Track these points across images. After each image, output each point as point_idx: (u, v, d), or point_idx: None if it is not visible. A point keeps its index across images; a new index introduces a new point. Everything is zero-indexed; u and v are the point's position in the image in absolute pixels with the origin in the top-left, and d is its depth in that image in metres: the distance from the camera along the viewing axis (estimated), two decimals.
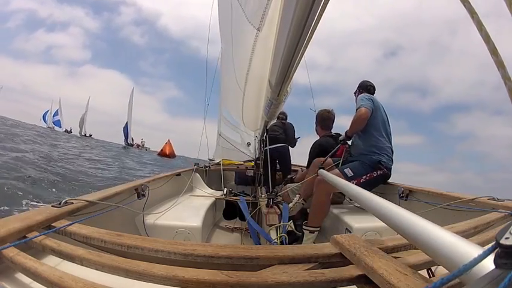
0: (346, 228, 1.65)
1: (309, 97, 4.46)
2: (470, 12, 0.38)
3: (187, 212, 1.80)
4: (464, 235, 0.81)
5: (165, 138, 33.97)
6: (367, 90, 2.19)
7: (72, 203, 0.95)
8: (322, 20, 0.75)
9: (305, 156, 2.67)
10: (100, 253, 0.63)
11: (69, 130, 49.38)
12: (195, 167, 2.87)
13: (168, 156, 28.75)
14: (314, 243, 1.78)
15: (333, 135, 2.45)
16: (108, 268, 0.57)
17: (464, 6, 0.39)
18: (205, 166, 3.17)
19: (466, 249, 0.37)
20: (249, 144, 4.29)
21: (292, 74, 1.13)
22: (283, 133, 3.34)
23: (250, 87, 2.06)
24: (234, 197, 2.37)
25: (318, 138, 2.60)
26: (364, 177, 1.88)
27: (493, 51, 0.36)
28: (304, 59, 1.06)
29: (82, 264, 0.61)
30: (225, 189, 2.57)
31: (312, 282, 0.51)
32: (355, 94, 2.28)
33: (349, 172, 1.87)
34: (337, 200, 2.16)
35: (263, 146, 2.62)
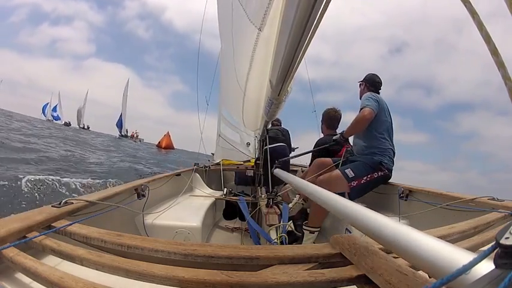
0: (346, 228, 1.65)
1: (313, 93, 4.47)
2: (471, 12, 0.38)
3: (187, 212, 1.80)
4: (464, 235, 0.81)
5: (166, 131, 34.03)
6: (375, 86, 2.13)
7: (72, 203, 0.95)
8: (326, 17, 0.74)
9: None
10: (100, 253, 0.63)
11: (68, 123, 49.61)
12: (195, 167, 2.87)
13: (166, 148, 28.43)
14: (314, 243, 1.78)
15: (337, 134, 2.45)
16: (108, 268, 0.57)
17: (465, 6, 0.39)
18: (205, 166, 3.17)
19: (444, 253, 0.36)
20: (248, 144, 4.29)
21: (293, 73, 1.13)
22: (282, 135, 3.34)
23: (250, 86, 2.06)
24: (234, 197, 2.37)
25: (318, 137, 2.60)
26: (365, 178, 1.87)
27: (494, 52, 0.36)
28: (304, 59, 1.06)
29: (82, 264, 0.61)
30: (225, 189, 2.57)
31: (311, 282, 0.51)
32: (360, 85, 2.23)
33: (350, 173, 1.86)
34: None
35: (263, 146, 2.62)
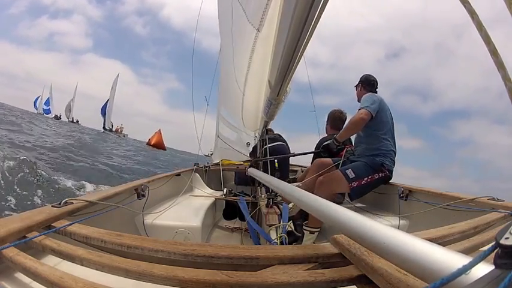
0: None
1: (310, 94, 4.47)
2: (470, 13, 0.38)
3: (187, 212, 1.80)
4: (464, 235, 0.81)
5: (158, 128, 32.15)
6: (371, 85, 2.13)
7: (72, 203, 0.95)
8: (324, 18, 0.75)
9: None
10: (100, 253, 0.63)
11: (58, 116, 49.56)
12: (195, 167, 2.87)
13: (155, 147, 26.28)
14: (314, 243, 1.78)
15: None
16: (108, 268, 0.57)
17: (464, 7, 0.39)
18: (205, 166, 3.17)
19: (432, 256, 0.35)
20: (248, 144, 4.28)
21: (292, 74, 1.13)
22: (280, 137, 3.34)
23: (249, 87, 2.06)
24: (234, 197, 2.37)
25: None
26: (366, 179, 1.87)
27: (493, 52, 0.37)
28: (304, 58, 1.06)
29: (82, 264, 0.61)
30: (225, 189, 2.57)
31: (311, 282, 0.51)
32: (356, 88, 2.23)
33: (351, 173, 1.86)
34: (337, 200, 2.16)
35: (262, 146, 2.62)
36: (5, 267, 0.64)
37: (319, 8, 0.71)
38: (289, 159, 3.41)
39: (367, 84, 2.15)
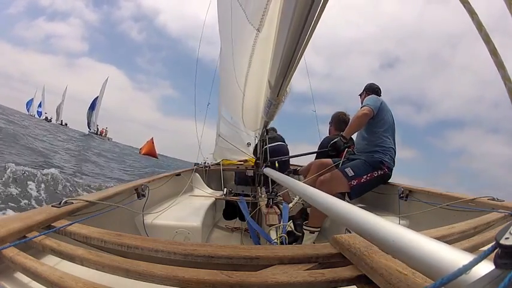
0: (346, 228, 1.65)
1: (304, 104, 4.48)
2: (470, 13, 0.38)
3: (187, 212, 1.80)
4: (464, 235, 0.81)
5: (151, 137, 30.31)
6: (375, 92, 2.22)
7: (72, 203, 0.95)
8: (322, 25, 0.75)
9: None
10: (100, 253, 0.63)
11: (49, 119, 49.16)
12: (195, 167, 2.87)
13: (147, 155, 26.36)
14: (314, 243, 1.78)
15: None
16: (108, 268, 0.57)
17: (464, 6, 0.39)
18: (205, 166, 3.17)
19: (444, 255, 0.35)
20: (249, 144, 4.29)
21: (292, 74, 1.13)
22: (281, 138, 3.34)
23: (250, 87, 2.06)
24: (234, 197, 2.37)
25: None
26: (365, 177, 1.87)
27: (493, 52, 0.36)
28: (304, 59, 1.06)
29: (82, 264, 0.61)
30: (225, 189, 2.57)
31: (311, 282, 0.51)
32: (360, 96, 2.31)
33: (350, 172, 1.86)
34: None
35: (263, 146, 2.62)
36: (5, 267, 0.64)
37: (319, 8, 0.71)
38: (289, 159, 3.42)
39: (371, 91, 2.23)
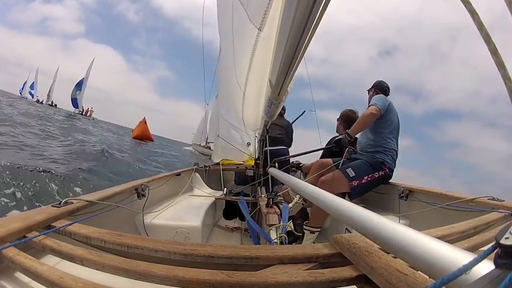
0: (346, 228, 1.65)
1: (300, 88, 4.48)
2: (471, 13, 0.38)
3: (187, 211, 1.80)
4: (464, 235, 0.81)
5: (143, 117, 23.29)
6: (383, 91, 2.21)
7: (72, 203, 0.95)
8: (322, 19, 0.75)
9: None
10: (100, 253, 0.63)
11: (40, 100, 48.96)
12: (195, 166, 2.87)
13: (137, 139, 21.14)
14: (314, 243, 1.78)
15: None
16: (108, 268, 0.57)
17: (465, 6, 0.39)
18: (205, 166, 3.18)
19: (445, 254, 0.35)
20: (249, 144, 4.29)
21: (293, 73, 1.13)
22: (285, 135, 3.34)
23: (250, 86, 2.06)
24: (234, 197, 2.37)
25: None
26: (366, 177, 1.87)
27: (494, 51, 0.36)
28: (304, 58, 1.06)
29: (82, 264, 0.61)
30: (225, 189, 2.57)
31: (311, 282, 0.51)
32: (368, 92, 2.30)
33: (351, 172, 1.86)
34: None
35: (263, 146, 2.62)
36: (5, 267, 0.64)
37: (321, 7, 0.71)
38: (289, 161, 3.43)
39: (380, 89, 2.22)
